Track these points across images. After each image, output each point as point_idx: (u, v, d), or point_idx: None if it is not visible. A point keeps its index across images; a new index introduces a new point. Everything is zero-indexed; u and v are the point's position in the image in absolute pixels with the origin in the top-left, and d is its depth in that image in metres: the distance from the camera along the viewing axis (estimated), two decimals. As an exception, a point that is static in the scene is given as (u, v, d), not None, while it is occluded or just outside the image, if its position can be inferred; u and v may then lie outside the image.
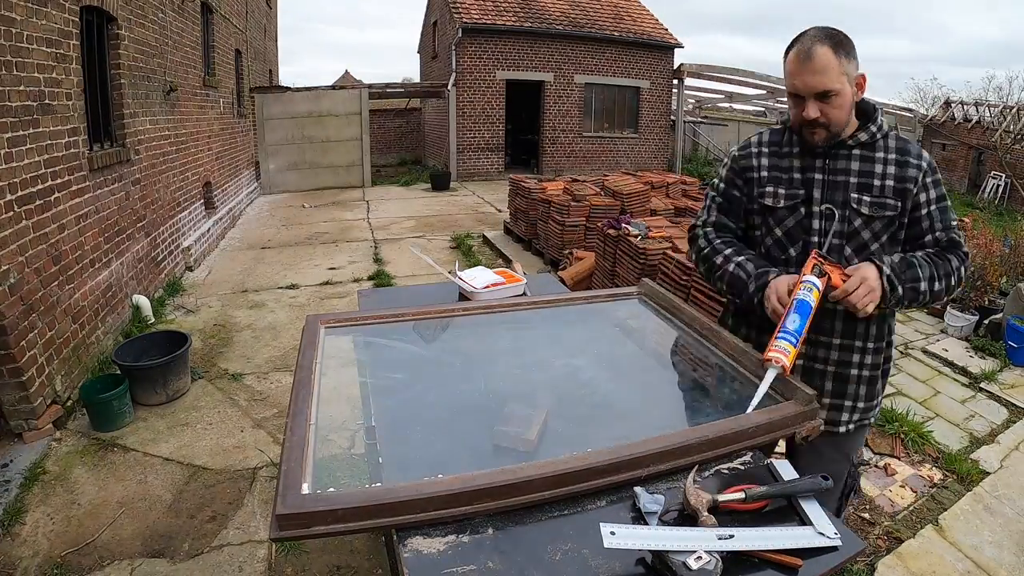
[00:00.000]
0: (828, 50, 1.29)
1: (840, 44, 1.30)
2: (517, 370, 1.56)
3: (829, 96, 1.31)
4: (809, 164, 1.41)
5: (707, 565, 0.82)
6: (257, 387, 3.51)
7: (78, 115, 3.57)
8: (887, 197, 1.38)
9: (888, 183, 1.38)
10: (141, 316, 4.31)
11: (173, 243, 5.52)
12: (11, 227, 2.79)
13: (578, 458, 1.00)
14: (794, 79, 1.33)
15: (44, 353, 2.99)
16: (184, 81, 6.14)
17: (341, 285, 5.55)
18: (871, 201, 1.37)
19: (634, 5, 15.12)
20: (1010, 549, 2.37)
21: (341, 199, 10.78)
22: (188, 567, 2.14)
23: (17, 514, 2.35)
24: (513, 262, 4.81)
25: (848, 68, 1.31)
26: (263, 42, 12.84)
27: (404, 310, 1.68)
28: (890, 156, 1.39)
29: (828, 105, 1.32)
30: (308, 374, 1.26)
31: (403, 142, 18.10)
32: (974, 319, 4.56)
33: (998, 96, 13.84)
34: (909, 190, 1.38)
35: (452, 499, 0.91)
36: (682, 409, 1.42)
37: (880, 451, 3.02)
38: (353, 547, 2.24)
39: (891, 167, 1.38)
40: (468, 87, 13.02)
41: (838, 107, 1.32)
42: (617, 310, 1.81)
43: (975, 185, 13.28)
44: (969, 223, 7.59)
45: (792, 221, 1.43)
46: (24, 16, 2.95)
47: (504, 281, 2.00)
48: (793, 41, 1.35)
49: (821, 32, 1.32)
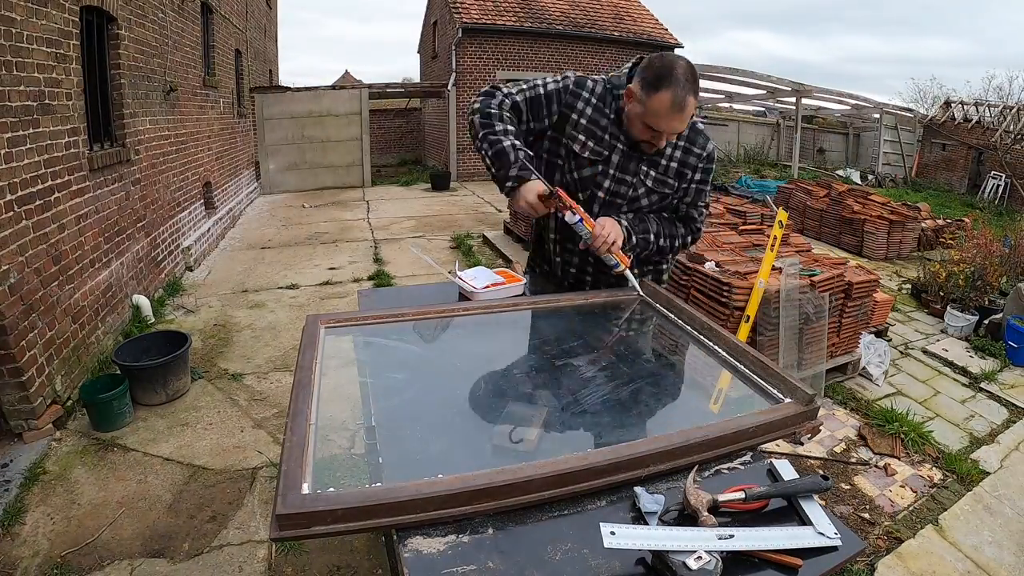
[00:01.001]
0: (693, 99, 1.46)
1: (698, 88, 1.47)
2: (517, 370, 1.56)
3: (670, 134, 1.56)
4: (615, 133, 1.65)
5: (707, 565, 0.82)
6: (257, 387, 3.51)
7: (78, 115, 3.57)
8: (668, 177, 1.68)
9: (672, 165, 1.67)
10: (141, 316, 4.31)
11: (173, 243, 5.52)
12: (11, 227, 2.79)
13: (578, 458, 0.99)
14: (660, 122, 1.49)
15: (44, 353, 2.99)
16: (184, 81, 6.14)
17: (341, 285, 5.55)
18: (655, 177, 1.67)
19: (634, 5, 15.12)
20: (1010, 549, 2.37)
21: (341, 199, 10.78)
22: (188, 567, 2.14)
23: (17, 514, 2.35)
24: (513, 262, 4.81)
25: None
26: (263, 42, 12.84)
27: (404, 310, 1.67)
28: (679, 143, 1.66)
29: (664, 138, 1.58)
30: (308, 374, 1.26)
31: (403, 142, 18.09)
32: (974, 319, 4.56)
33: (998, 96, 13.84)
34: (686, 174, 1.68)
35: (452, 499, 0.91)
36: (682, 409, 1.42)
37: (880, 451, 3.02)
38: (353, 547, 2.24)
39: (678, 152, 1.66)
40: (468, 87, 13.02)
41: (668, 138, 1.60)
42: (617, 310, 1.81)
43: (975, 185, 13.28)
44: (969, 223, 7.61)
45: (588, 172, 1.68)
46: (24, 16, 2.95)
47: (504, 281, 1.99)
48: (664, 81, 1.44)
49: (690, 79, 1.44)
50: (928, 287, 5.27)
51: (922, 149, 15.03)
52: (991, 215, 9.93)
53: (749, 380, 1.29)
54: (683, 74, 1.43)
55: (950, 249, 6.23)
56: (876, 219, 7.08)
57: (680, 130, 1.54)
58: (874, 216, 7.16)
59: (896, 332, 4.66)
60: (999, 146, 12.60)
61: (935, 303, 5.08)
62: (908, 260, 7.05)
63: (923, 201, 9.50)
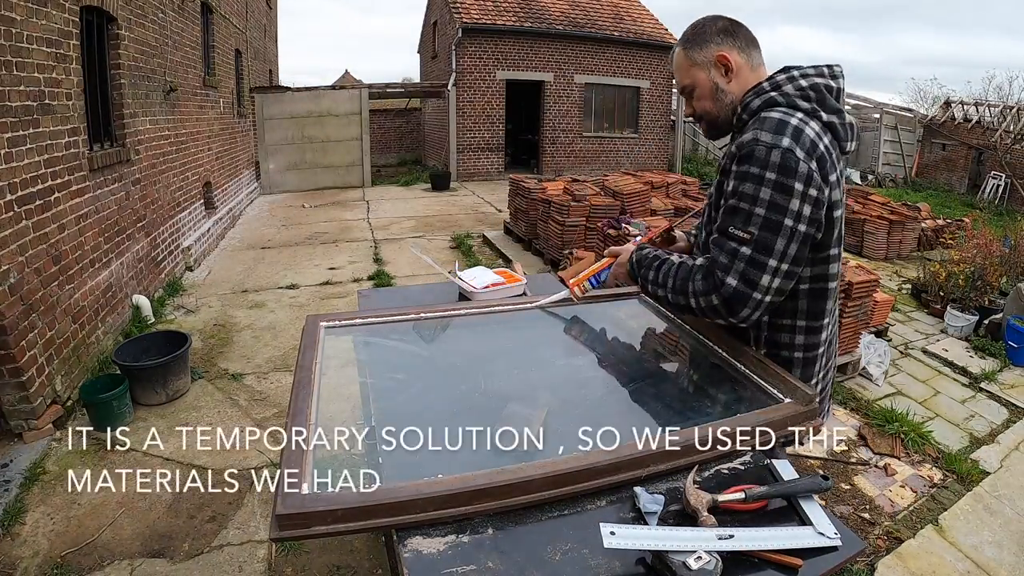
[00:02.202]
0: (680, 50, 1.31)
1: (689, 38, 1.29)
2: (517, 370, 1.56)
3: (690, 92, 1.32)
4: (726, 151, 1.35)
5: (707, 565, 0.82)
6: (257, 387, 3.51)
7: (78, 115, 3.57)
8: (713, 189, 1.35)
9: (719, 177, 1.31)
10: (141, 316, 4.31)
11: (173, 243, 5.52)
12: (11, 227, 2.78)
13: (578, 458, 0.99)
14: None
15: (44, 353, 2.99)
16: (184, 81, 6.14)
17: (341, 285, 5.55)
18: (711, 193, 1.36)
19: (634, 5, 15.12)
20: (1010, 549, 2.37)
21: (341, 199, 10.78)
22: (188, 567, 2.14)
23: (17, 514, 2.35)
24: (513, 262, 4.81)
25: (699, 58, 1.27)
26: (263, 42, 12.84)
27: (404, 310, 1.68)
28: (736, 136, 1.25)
29: (693, 99, 1.33)
30: (308, 374, 1.26)
31: (403, 142, 18.09)
32: (974, 319, 4.56)
33: (998, 96, 13.83)
34: (721, 182, 1.26)
35: (452, 499, 0.91)
36: (682, 409, 1.42)
37: (880, 451, 3.02)
38: (353, 547, 2.24)
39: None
40: (468, 87, 13.02)
41: (699, 99, 1.31)
42: (617, 310, 1.81)
43: (975, 185, 13.27)
44: (969, 223, 7.61)
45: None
46: (24, 16, 2.95)
47: (504, 281, 2.00)
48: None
49: (688, 29, 1.31)
50: (928, 287, 5.27)
51: (922, 149, 15.03)
52: (991, 215, 9.94)
53: (749, 380, 1.29)
54: (689, 26, 1.31)
55: (950, 249, 6.23)
56: (876, 219, 7.08)
57: (679, 85, 1.34)
58: (874, 216, 7.17)
59: (896, 332, 4.66)
60: (999, 146, 12.60)
61: (935, 303, 5.08)
62: (908, 260, 7.05)
63: (923, 201, 9.50)
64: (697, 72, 1.28)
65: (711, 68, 1.27)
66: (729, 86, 1.27)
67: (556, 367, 1.57)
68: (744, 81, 1.27)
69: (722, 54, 1.25)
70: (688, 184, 7.77)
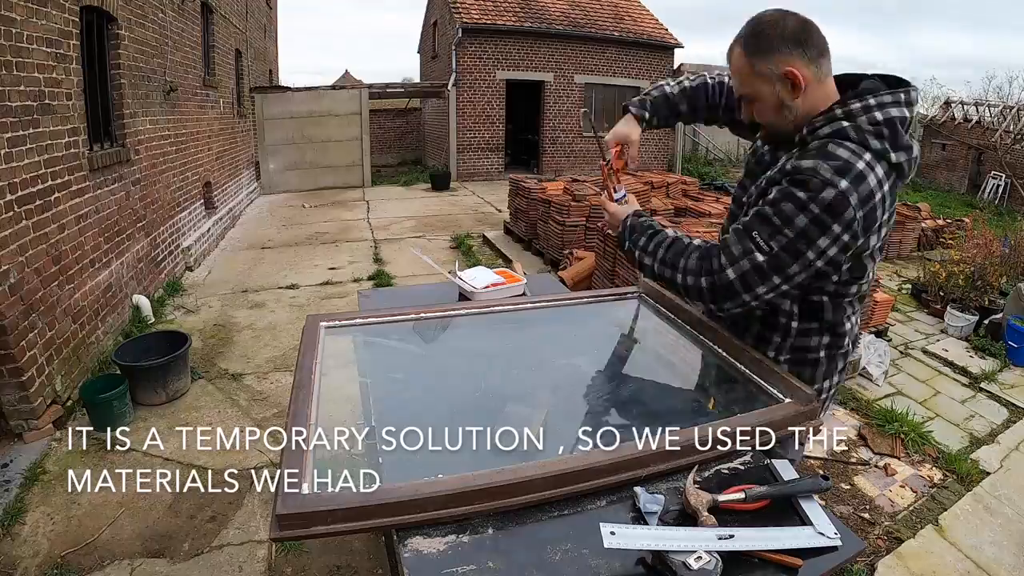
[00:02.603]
0: (740, 53, 1.16)
1: (753, 43, 1.14)
2: (517, 370, 1.56)
3: (750, 99, 1.19)
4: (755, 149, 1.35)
5: (707, 565, 0.82)
6: (257, 387, 3.51)
7: (78, 115, 3.56)
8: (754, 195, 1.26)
9: (762, 184, 1.21)
10: (141, 316, 4.31)
11: (173, 243, 5.52)
12: (11, 227, 2.78)
13: (578, 458, 1.00)
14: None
15: (44, 353, 2.99)
16: (184, 81, 6.14)
17: (341, 285, 5.55)
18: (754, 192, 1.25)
19: (634, 5, 15.12)
20: (1010, 549, 2.37)
21: (341, 199, 10.78)
22: (188, 567, 2.14)
23: (17, 514, 2.35)
24: (513, 262, 4.81)
25: (763, 69, 1.13)
26: (263, 42, 12.84)
27: (404, 310, 1.68)
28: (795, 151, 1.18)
29: (753, 107, 1.20)
30: (308, 374, 1.26)
31: (403, 142, 18.08)
32: (974, 319, 4.56)
33: (998, 96, 13.83)
34: (760, 183, 1.22)
35: (452, 499, 0.91)
36: (682, 409, 1.42)
37: (880, 451, 3.02)
38: (353, 547, 2.24)
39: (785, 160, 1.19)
40: (468, 87, 13.01)
41: (760, 111, 1.19)
42: (617, 310, 1.81)
43: (975, 185, 13.27)
44: (969, 223, 7.61)
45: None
46: (24, 16, 2.95)
47: (504, 281, 2.00)
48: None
49: (746, 26, 1.16)
50: (928, 287, 5.27)
51: (922, 149, 15.01)
52: (991, 215, 9.93)
53: (749, 380, 1.29)
54: (750, 20, 1.17)
55: (950, 249, 6.23)
56: (876, 219, 7.07)
57: (736, 89, 1.22)
58: (874, 216, 7.15)
59: (896, 332, 4.66)
60: (999, 146, 12.60)
61: (935, 303, 5.08)
62: (908, 260, 7.05)
63: (923, 201, 9.50)
64: (760, 85, 1.15)
65: (776, 82, 1.13)
66: (795, 102, 1.15)
67: (556, 367, 1.57)
68: (812, 99, 1.15)
69: (791, 69, 1.11)
70: (688, 184, 7.77)
